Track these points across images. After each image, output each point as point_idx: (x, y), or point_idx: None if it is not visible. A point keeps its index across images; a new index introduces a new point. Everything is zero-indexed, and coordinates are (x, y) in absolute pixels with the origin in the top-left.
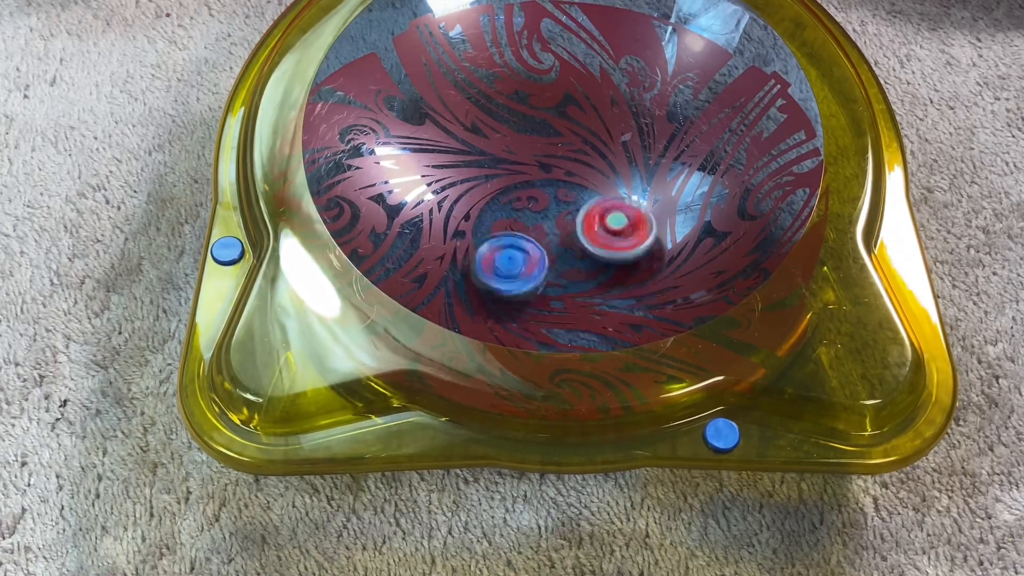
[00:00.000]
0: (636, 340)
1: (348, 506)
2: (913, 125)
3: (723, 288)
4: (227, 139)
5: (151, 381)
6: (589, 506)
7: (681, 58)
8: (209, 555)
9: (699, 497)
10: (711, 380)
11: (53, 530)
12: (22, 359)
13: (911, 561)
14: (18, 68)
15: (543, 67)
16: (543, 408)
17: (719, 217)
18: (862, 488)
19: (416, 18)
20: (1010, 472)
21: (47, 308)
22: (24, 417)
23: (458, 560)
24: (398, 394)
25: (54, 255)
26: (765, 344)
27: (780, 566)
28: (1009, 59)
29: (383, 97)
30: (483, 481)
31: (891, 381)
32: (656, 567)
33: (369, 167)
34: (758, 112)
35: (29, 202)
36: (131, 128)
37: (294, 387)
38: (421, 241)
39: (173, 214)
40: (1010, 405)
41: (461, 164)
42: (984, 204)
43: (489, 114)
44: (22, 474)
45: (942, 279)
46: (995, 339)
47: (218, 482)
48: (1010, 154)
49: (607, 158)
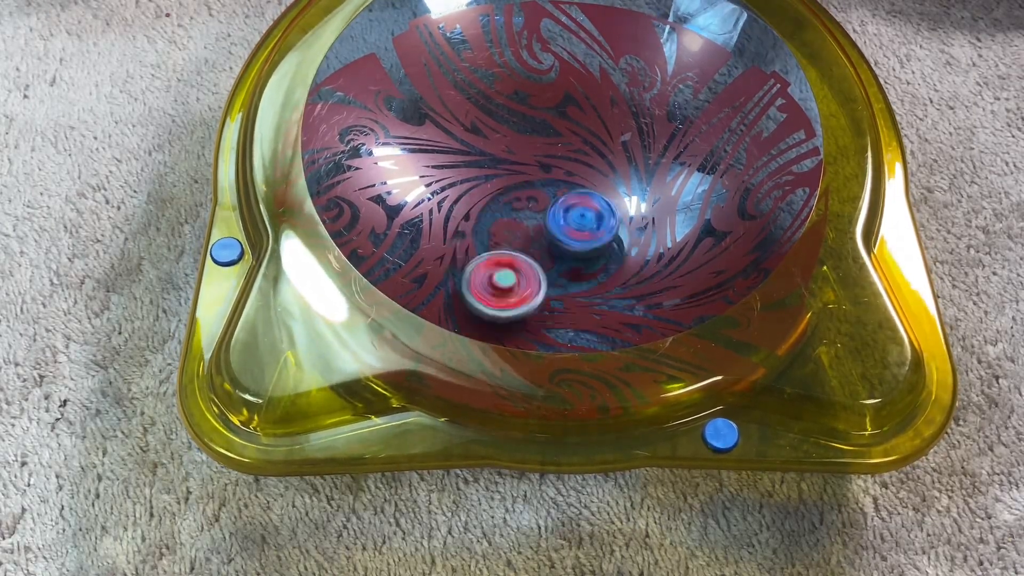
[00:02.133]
0: (636, 340)
1: (348, 506)
2: (913, 125)
3: (723, 288)
4: (227, 139)
5: (151, 381)
6: (589, 506)
7: (681, 58)
8: (209, 555)
9: (699, 497)
10: (711, 380)
11: (53, 530)
12: (22, 359)
13: (911, 561)
14: (18, 68)
15: (543, 67)
16: (543, 408)
17: (719, 217)
18: (862, 488)
19: (416, 18)
20: (1010, 472)
21: (47, 308)
22: (24, 417)
23: (458, 560)
24: (398, 394)
25: (54, 255)
26: (765, 344)
27: (780, 566)
28: (1009, 59)
29: (383, 97)
30: (483, 481)
31: (891, 381)
32: (656, 567)
33: (369, 167)
34: (758, 112)
35: (29, 202)
36: (131, 128)
37: (294, 388)
38: (421, 241)
39: (173, 214)
40: (1010, 405)
41: (461, 164)
42: (984, 204)
43: (489, 114)
44: (22, 474)
45: (942, 279)
46: (995, 339)
47: (218, 482)
48: (1010, 154)
49: (607, 158)
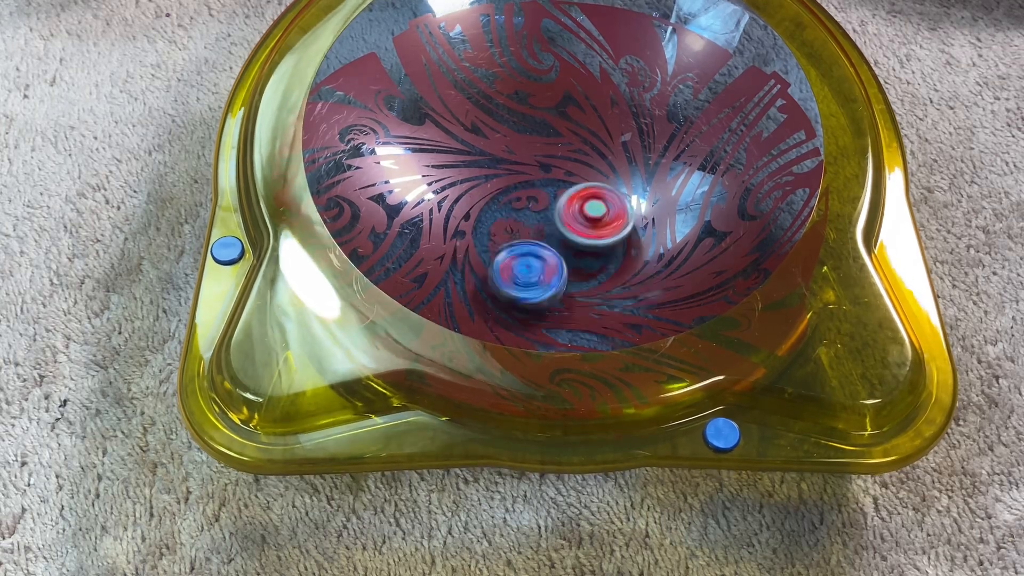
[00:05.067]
0: (636, 340)
1: (348, 506)
2: (913, 125)
3: (723, 288)
4: (227, 139)
5: (151, 381)
6: (589, 506)
7: (681, 58)
8: (209, 555)
9: (699, 497)
10: (711, 380)
11: (53, 530)
12: (22, 359)
13: (911, 561)
14: (18, 68)
15: (543, 67)
16: (543, 408)
17: (719, 217)
18: (862, 488)
19: (416, 18)
20: (1010, 472)
21: (47, 308)
22: (24, 417)
23: (458, 560)
24: (398, 394)
25: (54, 255)
26: (765, 344)
27: (780, 566)
28: (1009, 59)
29: (383, 97)
30: (483, 481)
31: (891, 381)
32: (656, 567)
33: (369, 167)
34: (758, 112)
35: (29, 202)
36: (131, 128)
37: (294, 387)
38: (421, 241)
39: (173, 214)
40: (1010, 405)
41: (461, 164)
42: (984, 204)
43: (489, 114)
44: (22, 474)
45: (942, 279)
46: (995, 339)
47: (218, 482)
48: (1010, 154)
49: (607, 158)
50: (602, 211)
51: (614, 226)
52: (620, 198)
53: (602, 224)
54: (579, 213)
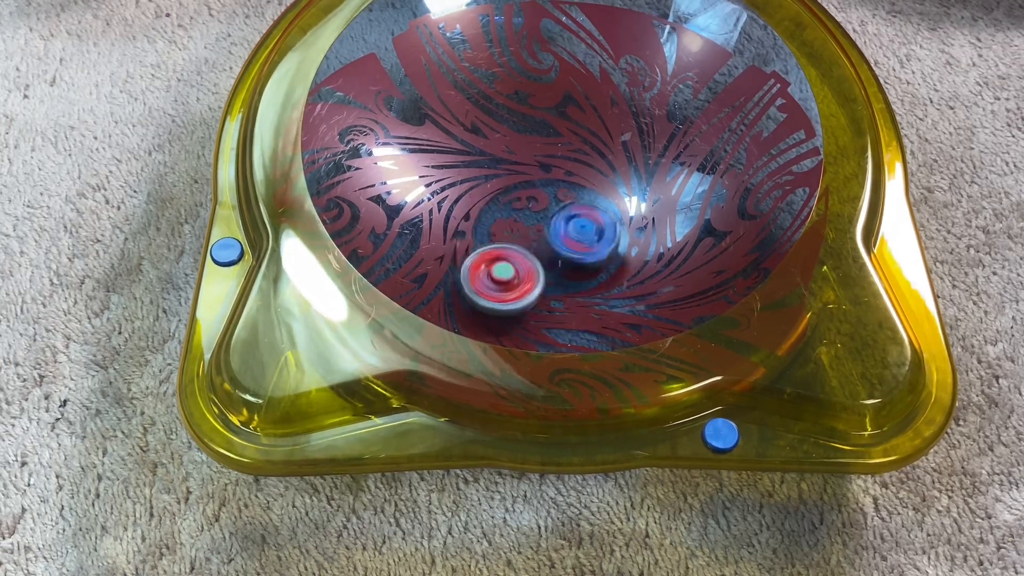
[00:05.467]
0: (636, 340)
1: (348, 506)
2: (913, 125)
3: (723, 288)
4: (227, 139)
5: (151, 381)
6: (589, 506)
7: (681, 58)
8: (209, 555)
9: (699, 497)
10: (710, 380)
11: (53, 530)
12: (22, 359)
13: (911, 561)
14: (18, 68)
15: (543, 67)
16: (543, 408)
17: (719, 217)
18: (862, 488)
19: (416, 18)
20: (1010, 472)
21: (47, 308)
22: (24, 417)
23: (458, 560)
24: (398, 394)
25: (54, 255)
26: (765, 344)
27: (780, 566)
28: (1009, 59)
29: (383, 97)
30: (483, 481)
31: (891, 381)
32: (656, 567)
33: (369, 167)
34: (758, 112)
35: (29, 202)
36: (131, 128)
37: (294, 388)
38: (421, 241)
39: (173, 214)
40: (1010, 405)
41: (461, 164)
42: (984, 204)
43: (489, 114)
44: (22, 474)
45: (942, 279)
46: (995, 339)
47: (218, 482)
48: (1010, 154)
49: (607, 158)
50: (510, 273)
51: (523, 290)
52: (529, 260)
53: (511, 287)
54: (487, 276)
